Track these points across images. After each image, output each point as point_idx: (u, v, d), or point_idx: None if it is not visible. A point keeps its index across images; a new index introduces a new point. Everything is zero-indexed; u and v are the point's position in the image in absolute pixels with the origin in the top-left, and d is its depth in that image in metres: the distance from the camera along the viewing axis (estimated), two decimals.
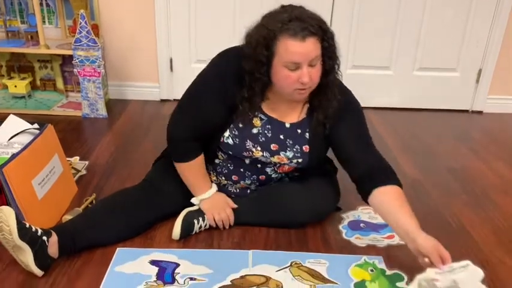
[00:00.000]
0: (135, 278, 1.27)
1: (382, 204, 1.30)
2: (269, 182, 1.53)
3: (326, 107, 1.34)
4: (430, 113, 2.74)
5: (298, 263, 1.36)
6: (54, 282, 1.25)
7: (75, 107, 2.52)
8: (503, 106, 2.78)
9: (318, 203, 1.51)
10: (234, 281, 1.27)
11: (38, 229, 1.25)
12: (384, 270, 1.34)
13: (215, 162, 1.51)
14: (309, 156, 1.43)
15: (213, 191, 1.49)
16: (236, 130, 1.40)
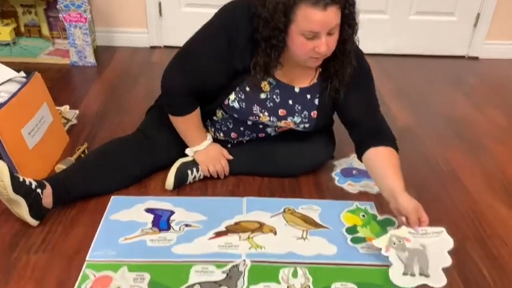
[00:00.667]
0: (131, 226, 1.29)
1: (373, 161, 1.31)
2: (267, 138, 1.52)
3: (342, 74, 1.30)
4: (426, 59, 2.70)
5: (291, 209, 1.38)
6: (50, 231, 1.27)
7: (62, 55, 2.44)
8: (500, 52, 2.74)
9: (313, 155, 1.52)
10: (229, 227, 1.29)
11: (31, 182, 1.24)
12: (375, 215, 1.37)
13: (214, 119, 1.48)
14: (316, 122, 1.41)
15: (208, 143, 1.48)
16: (243, 94, 1.36)
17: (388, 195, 1.24)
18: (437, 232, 1.18)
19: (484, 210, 1.42)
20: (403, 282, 1.10)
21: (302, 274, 1.14)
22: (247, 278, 1.12)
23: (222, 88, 1.36)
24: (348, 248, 1.24)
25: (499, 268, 1.19)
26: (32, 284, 1.09)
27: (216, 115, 1.46)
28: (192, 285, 1.10)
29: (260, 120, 1.41)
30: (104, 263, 1.16)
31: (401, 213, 1.20)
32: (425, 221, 1.17)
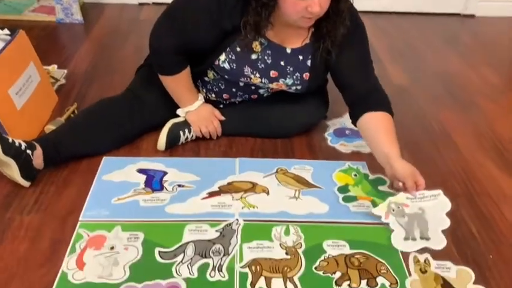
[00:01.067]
0: (123, 186, 1.29)
1: (368, 127, 1.30)
2: (260, 99, 1.50)
3: (334, 35, 1.26)
4: (421, 17, 2.65)
5: (284, 169, 1.38)
6: (42, 191, 1.26)
7: (48, 12, 2.37)
8: (496, 9, 2.69)
9: (306, 116, 1.51)
10: (222, 187, 1.30)
11: (21, 143, 1.23)
12: (367, 174, 1.38)
13: (205, 79, 1.45)
14: (308, 84, 1.39)
15: (199, 103, 1.46)
16: (233, 54, 1.32)
17: (384, 162, 1.24)
18: (435, 195, 1.19)
19: (475, 168, 1.44)
20: (406, 246, 1.12)
21: (294, 232, 1.16)
22: (240, 236, 1.14)
23: (212, 48, 1.32)
24: (340, 206, 1.26)
25: (488, 226, 1.21)
26: (27, 244, 1.10)
27: (208, 76, 1.43)
28: (186, 243, 1.11)
29: (251, 81, 1.39)
30: (98, 222, 1.16)
31: (397, 179, 1.20)
32: (422, 184, 1.17)
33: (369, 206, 1.25)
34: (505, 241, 1.16)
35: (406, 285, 1.01)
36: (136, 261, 1.06)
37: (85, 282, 1.00)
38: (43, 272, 1.03)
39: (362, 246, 1.12)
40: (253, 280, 1.03)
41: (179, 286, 1.00)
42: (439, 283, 1.02)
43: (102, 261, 1.06)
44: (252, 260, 1.07)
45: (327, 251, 1.11)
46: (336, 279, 1.04)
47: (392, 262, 1.08)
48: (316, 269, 1.06)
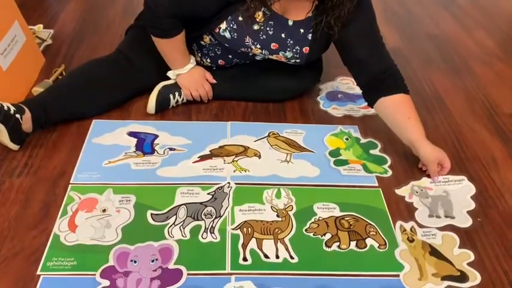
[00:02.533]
0: (114, 149, 1.28)
1: (389, 113, 1.28)
2: (253, 63, 1.48)
3: (339, 8, 1.21)
4: None
5: (276, 133, 1.38)
6: (32, 154, 1.25)
7: None
8: None
9: (299, 81, 1.49)
10: (213, 151, 1.30)
11: (10, 107, 1.20)
12: (359, 138, 1.38)
13: (201, 43, 1.42)
14: (306, 57, 1.35)
15: (191, 66, 1.42)
16: (235, 24, 1.28)
17: (409, 144, 1.26)
18: (459, 180, 1.22)
19: (466, 133, 1.44)
20: (429, 223, 1.12)
21: (285, 195, 1.17)
22: (232, 199, 1.14)
23: (212, 15, 1.28)
24: (331, 170, 1.26)
25: (477, 190, 1.22)
26: (18, 206, 1.09)
27: (204, 40, 1.40)
28: (178, 206, 1.12)
29: (252, 52, 1.36)
30: (89, 185, 1.16)
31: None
32: (447, 167, 1.21)
33: (359, 169, 1.26)
34: (493, 205, 1.18)
35: (395, 254, 1.03)
36: (129, 223, 1.07)
37: (77, 244, 1.01)
38: (35, 234, 1.03)
39: (352, 209, 1.14)
40: (245, 241, 1.04)
41: (171, 248, 1.01)
42: (427, 250, 1.04)
43: (94, 223, 1.06)
44: (243, 222, 1.08)
45: (317, 213, 1.12)
46: (325, 241, 1.05)
47: (381, 224, 1.10)
48: (306, 231, 1.08)
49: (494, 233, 1.10)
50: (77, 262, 0.97)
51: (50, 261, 0.97)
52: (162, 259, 0.99)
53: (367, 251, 1.04)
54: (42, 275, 0.94)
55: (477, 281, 0.98)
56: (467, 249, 1.05)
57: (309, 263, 1.00)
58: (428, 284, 0.97)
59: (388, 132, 1.38)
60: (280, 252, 1.02)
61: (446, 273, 0.99)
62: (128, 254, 0.99)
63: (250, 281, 0.95)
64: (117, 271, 0.96)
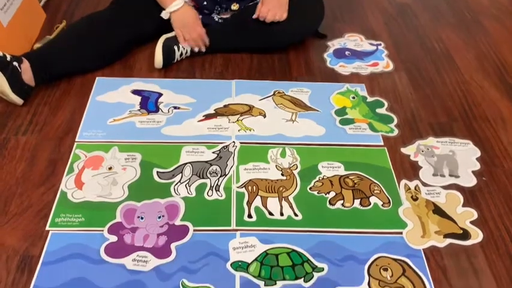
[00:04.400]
0: (118, 107, 1.27)
1: None
2: (252, 7, 1.43)
3: None
4: None
5: (281, 92, 1.36)
6: (36, 112, 1.25)
7: None
8: None
9: (299, 20, 1.44)
10: (218, 110, 1.29)
11: (6, 54, 1.20)
12: (365, 97, 1.36)
13: None
14: None
15: (181, 3, 1.39)
16: None
17: None
18: (465, 143, 1.21)
19: (475, 91, 1.42)
20: (434, 181, 1.12)
21: (290, 154, 1.17)
22: (237, 158, 1.15)
23: None
24: (336, 129, 1.25)
25: (483, 149, 1.21)
26: (24, 164, 1.10)
27: None
28: (183, 164, 1.12)
29: None
30: (94, 143, 1.16)
31: None
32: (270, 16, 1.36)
33: (365, 128, 1.25)
34: (499, 164, 1.18)
35: (398, 212, 1.04)
36: (135, 181, 1.08)
37: (85, 201, 1.02)
38: (42, 191, 1.04)
39: (357, 168, 1.14)
40: (250, 199, 1.05)
41: (178, 204, 1.02)
42: (430, 209, 1.05)
43: (100, 181, 1.07)
44: (248, 180, 1.09)
45: (322, 172, 1.13)
46: (329, 199, 1.06)
47: (386, 183, 1.10)
48: (310, 189, 1.08)
49: (499, 192, 1.10)
50: (85, 218, 0.99)
51: (58, 218, 0.99)
52: (168, 216, 1.00)
53: (371, 209, 1.05)
54: (51, 231, 0.96)
55: (479, 238, 0.99)
56: (471, 207, 1.06)
57: (313, 220, 1.02)
58: (430, 241, 0.98)
59: (395, 90, 1.36)
60: (284, 210, 1.03)
61: (449, 231, 1.00)
62: (134, 211, 1.00)
63: (254, 237, 0.97)
64: (125, 227, 0.97)
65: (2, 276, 0.88)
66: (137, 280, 0.89)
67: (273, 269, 0.91)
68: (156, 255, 0.92)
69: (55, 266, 0.90)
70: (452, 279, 0.92)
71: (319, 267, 0.92)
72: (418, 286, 0.90)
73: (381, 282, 0.90)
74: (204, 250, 0.94)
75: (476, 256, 0.96)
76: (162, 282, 0.88)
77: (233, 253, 0.94)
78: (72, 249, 0.93)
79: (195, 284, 0.88)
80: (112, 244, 0.94)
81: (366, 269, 0.92)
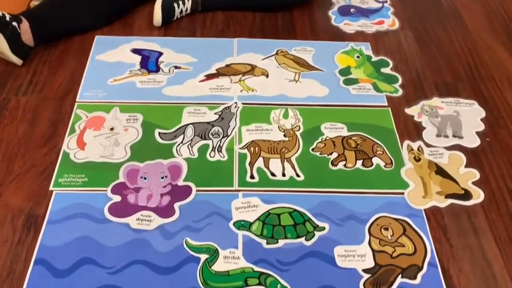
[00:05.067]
0: (118, 67, 1.25)
1: None
2: None
3: None
4: None
5: (284, 51, 1.33)
6: (36, 71, 1.23)
7: None
8: None
9: None
10: (219, 70, 1.27)
11: (5, 14, 1.17)
12: (370, 56, 1.34)
13: None
14: None
15: None
16: None
17: None
18: (470, 103, 1.19)
19: (482, 51, 1.39)
20: (437, 142, 1.11)
21: (293, 115, 1.16)
22: (239, 119, 1.14)
23: None
24: (340, 89, 1.23)
25: (488, 110, 1.20)
26: (26, 125, 1.10)
27: None
28: (185, 125, 1.11)
29: None
30: (95, 104, 1.15)
31: None
32: None
33: (369, 88, 1.23)
34: (504, 125, 1.17)
35: (401, 173, 1.04)
36: (137, 141, 1.08)
37: (87, 161, 1.03)
38: (45, 151, 1.04)
39: (360, 128, 1.13)
40: (252, 160, 1.05)
41: (180, 165, 1.03)
42: (433, 170, 1.05)
43: (102, 141, 1.07)
44: (250, 141, 1.09)
45: (324, 133, 1.12)
46: (332, 160, 1.06)
47: (389, 143, 1.10)
48: (313, 150, 1.08)
49: (502, 153, 1.10)
50: (88, 178, 0.99)
51: (62, 178, 0.99)
52: (171, 176, 1.00)
53: (373, 170, 1.05)
54: (54, 191, 0.97)
55: (480, 198, 1.00)
56: (474, 168, 1.06)
57: (315, 180, 1.02)
58: (431, 202, 0.99)
59: (401, 49, 1.33)
60: (286, 171, 1.03)
61: (451, 192, 1.01)
62: (137, 171, 1.01)
63: (257, 197, 0.97)
64: (128, 187, 0.98)
65: (8, 234, 0.89)
66: (141, 239, 0.90)
67: (275, 228, 0.92)
68: (159, 215, 0.94)
69: (60, 225, 0.91)
70: (452, 239, 0.93)
71: (321, 226, 0.93)
72: (418, 245, 0.91)
73: (381, 241, 0.91)
74: (207, 210, 0.95)
75: (477, 216, 0.97)
76: (166, 240, 0.90)
77: (236, 213, 0.95)
78: (76, 209, 0.94)
79: (199, 242, 0.90)
80: (116, 204, 0.95)
81: (366, 228, 0.94)
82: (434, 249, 0.91)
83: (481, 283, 0.87)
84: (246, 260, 0.88)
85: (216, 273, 0.85)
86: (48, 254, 0.87)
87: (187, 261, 0.87)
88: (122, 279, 0.84)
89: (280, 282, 0.85)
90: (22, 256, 0.86)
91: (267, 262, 0.88)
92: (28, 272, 0.84)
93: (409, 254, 0.90)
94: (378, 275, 0.87)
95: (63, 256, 0.87)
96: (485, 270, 0.89)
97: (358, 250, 0.90)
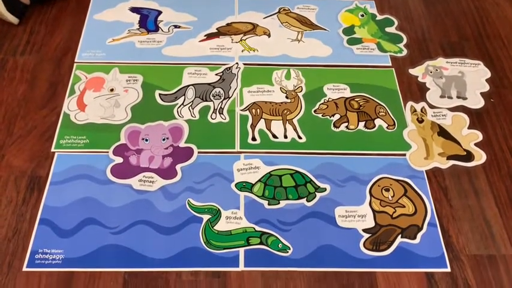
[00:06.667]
0: (117, 26, 1.23)
1: None
2: None
3: None
4: None
5: (287, 9, 1.30)
6: (33, 31, 1.21)
7: None
8: None
9: None
10: (220, 29, 1.24)
11: None
12: (375, 15, 1.30)
13: None
14: None
15: None
16: None
17: None
18: (475, 64, 1.17)
19: (489, 8, 1.35)
20: (440, 103, 1.10)
21: (295, 76, 1.14)
22: (240, 80, 1.12)
23: None
24: (343, 49, 1.21)
25: (493, 69, 1.18)
26: (25, 86, 1.09)
27: None
28: (186, 86, 1.10)
29: None
30: (94, 64, 1.14)
31: None
32: None
33: (373, 48, 1.21)
34: (508, 85, 1.15)
35: (403, 134, 1.03)
36: (137, 103, 1.07)
37: (88, 123, 1.02)
38: (45, 113, 1.04)
39: (363, 89, 1.12)
40: (253, 122, 1.04)
41: (181, 127, 1.02)
42: (435, 131, 1.04)
43: (103, 102, 1.06)
44: (252, 103, 1.07)
45: (327, 94, 1.11)
46: (334, 121, 1.05)
47: (392, 105, 1.09)
48: (315, 112, 1.07)
49: (505, 113, 1.09)
50: (89, 140, 0.99)
51: (63, 139, 0.99)
52: (172, 138, 1.00)
53: (375, 131, 1.04)
54: (56, 152, 0.97)
55: (482, 160, 1.00)
56: (476, 129, 1.05)
57: (317, 142, 1.02)
58: (433, 163, 0.99)
59: (406, 8, 1.30)
60: (288, 133, 1.03)
61: (452, 153, 1.01)
62: (139, 133, 1.01)
63: (258, 159, 0.98)
64: (130, 149, 0.98)
65: (12, 195, 0.90)
66: (144, 199, 0.91)
67: (276, 189, 0.93)
68: (162, 176, 0.94)
69: (63, 185, 0.92)
70: (452, 200, 0.94)
71: (322, 187, 0.94)
72: (418, 206, 0.92)
73: (382, 202, 0.92)
74: (208, 171, 0.95)
75: (478, 177, 0.97)
76: (168, 201, 0.91)
77: (237, 174, 0.95)
78: (79, 170, 0.94)
79: (201, 203, 0.91)
80: (118, 165, 0.95)
81: (367, 189, 0.94)
82: (435, 210, 0.92)
83: (480, 243, 0.88)
84: (247, 220, 0.89)
85: (218, 232, 0.87)
86: (52, 215, 0.88)
87: (190, 221, 0.88)
88: (125, 239, 0.85)
89: (281, 241, 0.86)
90: (27, 216, 0.88)
91: (269, 222, 0.89)
92: (33, 232, 0.86)
93: (409, 215, 0.91)
94: (377, 234, 0.88)
95: (67, 216, 0.88)
96: (484, 230, 0.90)
97: (358, 211, 0.91)
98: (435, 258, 0.86)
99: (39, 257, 0.83)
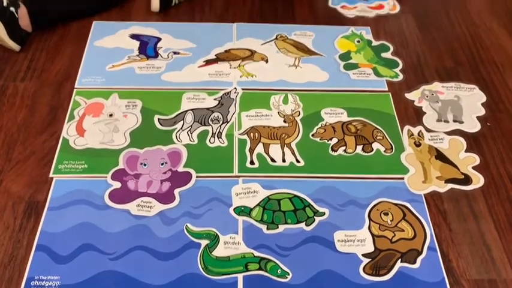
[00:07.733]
0: (117, 53, 1.24)
1: None
2: None
3: None
4: None
5: (284, 36, 1.32)
6: (33, 58, 1.22)
7: None
8: None
9: None
10: (219, 55, 1.26)
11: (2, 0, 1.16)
12: (370, 41, 1.33)
13: None
14: None
15: None
16: None
17: None
18: (471, 88, 1.19)
19: (483, 34, 1.38)
20: (437, 127, 1.11)
21: (293, 100, 1.15)
22: (238, 104, 1.13)
23: None
24: (340, 74, 1.23)
25: (488, 94, 1.19)
26: (25, 111, 1.09)
27: None
28: (184, 111, 1.11)
29: None
30: (94, 90, 1.15)
31: None
32: None
33: (370, 73, 1.23)
34: (504, 109, 1.16)
35: (401, 158, 1.04)
36: (136, 128, 1.07)
37: (87, 148, 1.03)
38: (44, 138, 1.04)
39: (360, 114, 1.13)
40: (252, 146, 1.05)
41: (180, 151, 1.03)
42: (433, 154, 1.05)
43: (102, 127, 1.07)
44: (250, 127, 1.08)
45: (324, 118, 1.12)
46: (332, 145, 1.06)
47: (389, 129, 1.10)
48: (313, 136, 1.08)
49: (502, 137, 1.10)
50: (88, 165, 0.99)
51: (62, 164, 0.99)
52: (171, 162, 1.00)
53: (373, 155, 1.05)
54: (55, 178, 0.97)
55: (480, 183, 1.00)
56: (474, 153, 1.05)
57: (315, 166, 1.02)
58: (431, 187, 0.99)
59: (401, 33, 1.32)
60: (286, 156, 1.03)
61: (450, 176, 1.01)
62: (137, 158, 1.01)
63: (257, 183, 0.98)
64: (128, 174, 0.98)
65: (9, 221, 0.90)
66: (142, 225, 0.90)
67: (275, 213, 0.93)
68: (160, 201, 0.94)
69: (61, 211, 0.92)
70: (452, 223, 0.93)
71: (321, 211, 0.94)
72: (418, 230, 0.92)
73: (381, 226, 0.92)
74: (207, 196, 0.95)
75: (477, 201, 0.97)
76: (166, 226, 0.90)
77: (236, 199, 0.95)
78: (77, 196, 0.94)
79: (199, 228, 0.90)
80: (116, 190, 0.95)
81: (366, 213, 0.94)
82: (434, 234, 0.91)
83: (480, 267, 0.87)
84: (246, 245, 0.88)
85: (216, 258, 0.86)
86: (50, 240, 0.87)
87: (188, 246, 0.88)
88: (122, 265, 0.85)
89: (280, 267, 0.85)
90: (24, 242, 0.87)
91: (267, 247, 0.88)
92: (30, 258, 0.85)
93: (408, 239, 0.90)
94: (377, 259, 0.87)
95: (64, 242, 0.87)
96: (484, 254, 0.89)
97: (358, 235, 0.91)
98: (436, 283, 0.85)
99: (35, 284, 0.82)
